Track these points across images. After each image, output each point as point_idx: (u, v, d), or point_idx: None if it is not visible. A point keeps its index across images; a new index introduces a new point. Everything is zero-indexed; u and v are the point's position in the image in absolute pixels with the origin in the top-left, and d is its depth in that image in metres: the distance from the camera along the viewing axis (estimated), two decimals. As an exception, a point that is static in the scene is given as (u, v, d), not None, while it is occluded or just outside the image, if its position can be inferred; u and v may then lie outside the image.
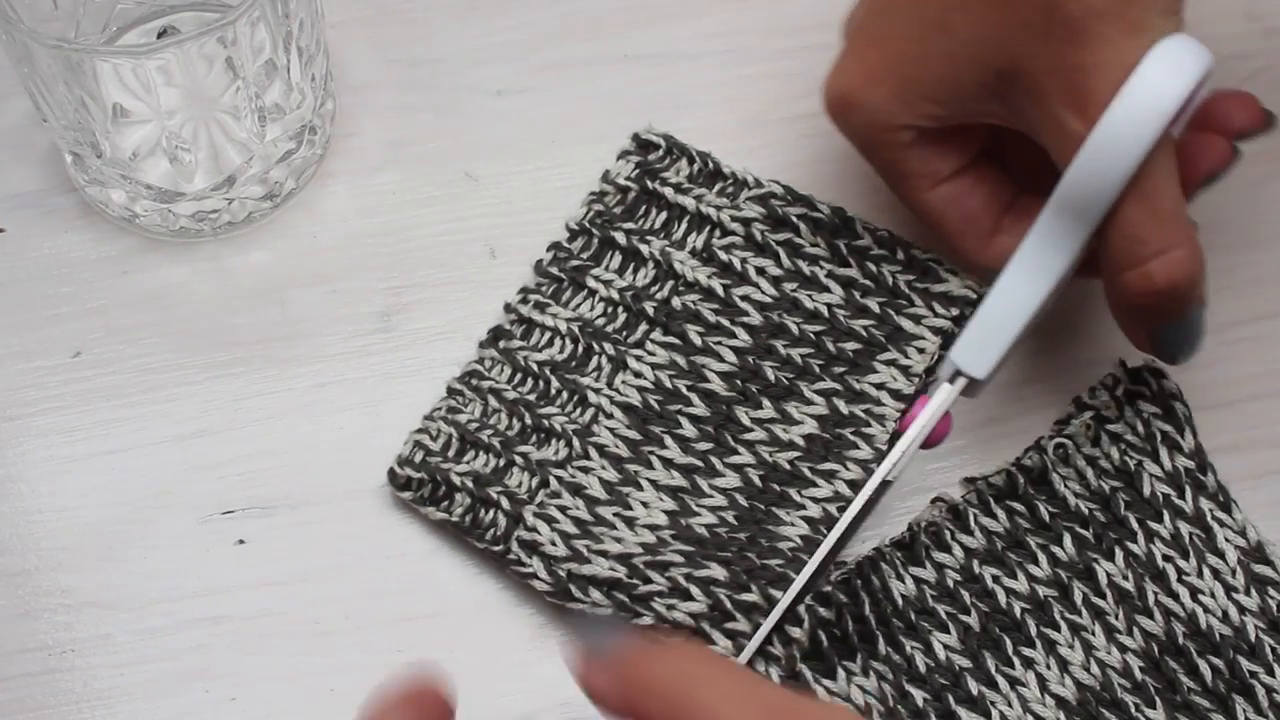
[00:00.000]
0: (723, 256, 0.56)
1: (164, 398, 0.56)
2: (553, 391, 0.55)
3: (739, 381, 0.54)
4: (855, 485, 0.52)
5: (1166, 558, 0.51)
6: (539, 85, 0.63)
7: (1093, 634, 0.50)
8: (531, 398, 0.55)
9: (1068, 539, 0.51)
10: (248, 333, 0.57)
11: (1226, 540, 0.51)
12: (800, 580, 0.49)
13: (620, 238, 0.57)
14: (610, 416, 0.54)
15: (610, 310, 0.56)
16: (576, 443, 0.53)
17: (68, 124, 0.56)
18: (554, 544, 0.51)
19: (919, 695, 0.49)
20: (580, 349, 0.55)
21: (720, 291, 0.55)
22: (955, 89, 0.50)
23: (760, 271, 0.56)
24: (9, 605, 0.52)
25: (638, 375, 0.54)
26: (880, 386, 0.54)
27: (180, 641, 0.51)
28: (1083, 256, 0.50)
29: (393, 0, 0.64)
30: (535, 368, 0.55)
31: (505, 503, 0.52)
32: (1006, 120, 0.51)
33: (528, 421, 0.54)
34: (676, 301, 0.56)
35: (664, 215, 0.58)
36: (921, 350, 0.54)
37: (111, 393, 0.56)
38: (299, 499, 0.54)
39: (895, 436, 0.52)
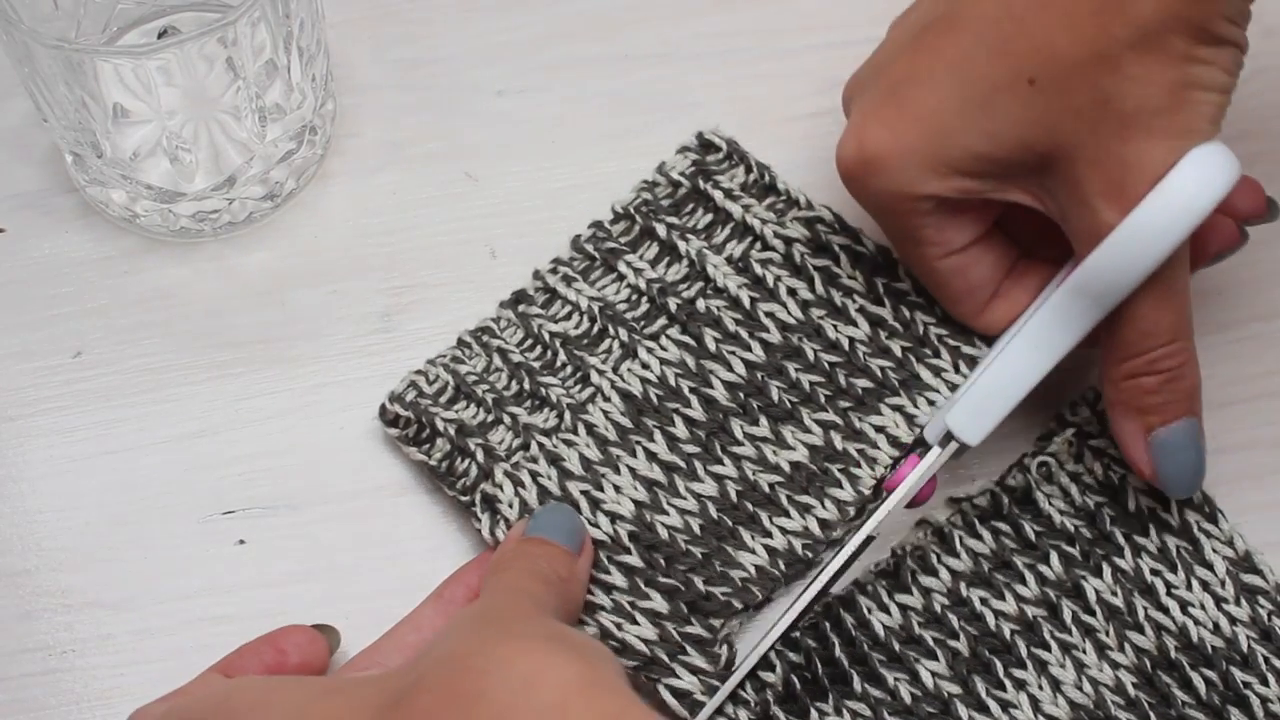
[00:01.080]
0: (757, 270, 0.56)
1: (164, 398, 0.56)
2: (558, 363, 0.55)
3: (742, 395, 0.54)
4: (827, 525, 0.52)
5: (1155, 572, 0.51)
6: (539, 85, 0.63)
7: (1084, 652, 0.50)
8: (536, 365, 0.55)
9: (1055, 557, 0.51)
10: (248, 333, 0.57)
11: (1214, 551, 0.52)
12: (777, 631, 0.49)
13: (661, 230, 0.57)
14: (608, 400, 0.54)
15: (634, 298, 0.56)
16: (568, 416, 0.53)
17: (68, 124, 0.56)
18: (510, 506, 0.52)
19: (905, 726, 0.49)
20: (595, 329, 0.56)
21: (746, 303, 0.55)
22: (992, 166, 0.50)
23: (791, 292, 0.56)
24: (9, 605, 0.52)
25: (645, 366, 0.54)
26: (880, 430, 0.53)
27: (180, 641, 0.52)
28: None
29: (393, 0, 0.64)
30: (547, 337, 0.55)
31: (480, 455, 0.52)
32: (1032, 200, 0.51)
33: (525, 386, 0.54)
34: (701, 304, 0.56)
35: (709, 217, 0.58)
36: (932, 403, 0.53)
37: (111, 393, 0.56)
38: (299, 499, 0.54)
39: (878, 492, 0.52)
